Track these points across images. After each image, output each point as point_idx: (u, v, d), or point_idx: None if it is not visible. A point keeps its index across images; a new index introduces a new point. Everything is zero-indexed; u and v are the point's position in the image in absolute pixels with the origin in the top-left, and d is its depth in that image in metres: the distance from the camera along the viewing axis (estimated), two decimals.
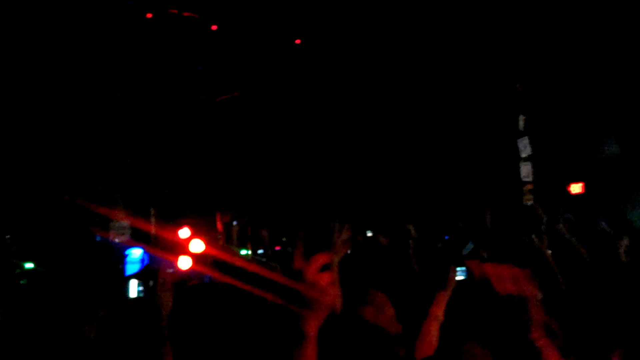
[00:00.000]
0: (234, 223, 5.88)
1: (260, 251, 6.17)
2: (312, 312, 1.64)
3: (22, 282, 6.04)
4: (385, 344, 2.65)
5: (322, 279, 1.63)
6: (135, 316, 3.55)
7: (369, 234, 7.26)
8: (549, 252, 4.63)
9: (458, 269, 3.55)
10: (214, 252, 4.36)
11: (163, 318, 2.55)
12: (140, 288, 3.87)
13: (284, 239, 8.27)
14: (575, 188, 9.72)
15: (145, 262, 5.14)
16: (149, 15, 8.62)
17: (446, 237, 6.24)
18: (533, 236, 4.30)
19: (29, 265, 6.51)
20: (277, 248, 7.21)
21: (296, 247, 1.67)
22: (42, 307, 3.91)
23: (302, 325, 1.64)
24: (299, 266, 1.63)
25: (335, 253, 2.91)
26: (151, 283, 2.74)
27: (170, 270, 2.79)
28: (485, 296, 1.56)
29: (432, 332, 3.01)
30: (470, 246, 6.32)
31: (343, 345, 2.69)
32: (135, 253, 5.37)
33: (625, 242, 5.12)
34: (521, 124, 10.31)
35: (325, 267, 1.65)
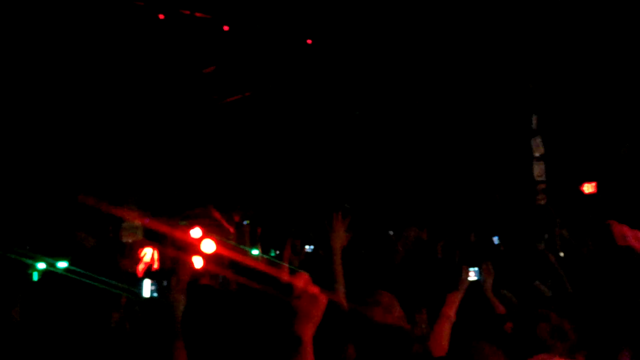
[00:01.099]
0: (245, 222, 5.89)
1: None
2: (306, 319, 1.71)
3: (34, 279, 6.09)
4: (403, 341, 2.65)
5: (310, 289, 1.73)
6: (149, 316, 3.58)
7: (391, 232, 7.24)
8: (561, 254, 4.60)
9: (470, 269, 3.55)
10: (226, 252, 4.38)
11: (177, 317, 2.58)
12: (154, 288, 3.89)
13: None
14: (588, 188, 9.66)
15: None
16: (161, 16, 8.65)
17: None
18: (538, 244, 4.30)
19: (42, 266, 6.52)
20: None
21: (283, 261, 1.80)
22: (58, 308, 3.95)
23: (298, 331, 1.71)
24: (287, 280, 1.73)
25: (336, 237, 2.96)
26: (165, 283, 2.76)
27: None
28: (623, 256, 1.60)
29: (444, 332, 3.01)
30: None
31: (359, 345, 2.68)
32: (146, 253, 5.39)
33: None
34: (534, 123, 10.26)
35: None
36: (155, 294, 3.78)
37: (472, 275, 3.57)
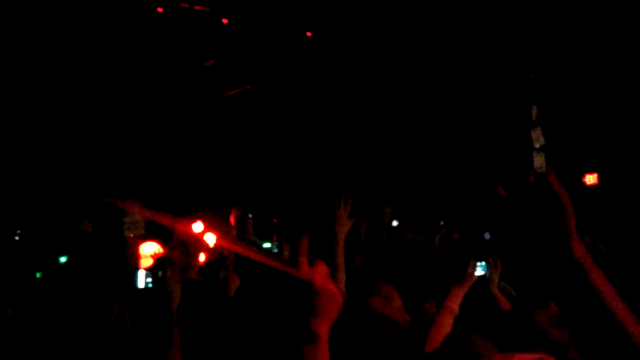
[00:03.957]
0: (250, 216, 5.86)
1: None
2: (324, 316, 1.70)
3: (37, 275, 6.09)
4: (393, 331, 2.64)
5: (329, 284, 1.71)
6: (145, 306, 3.60)
7: (395, 223, 7.22)
8: None
9: (477, 264, 3.53)
10: (227, 245, 4.38)
11: (172, 307, 2.61)
12: (149, 279, 3.91)
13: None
14: (590, 179, 9.64)
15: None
16: (160, 10, 8.62)
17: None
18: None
19: (64, 259, 6.46)
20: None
21: (300, 256, 1.73)
22: (57, 302, 3.95)
23: (314, 327, 1.69)
24: (307, 275, 1.70)
25: (340, 226, 2.96)
26: (160, 274, 2.78)
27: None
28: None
29: (446, 325, 3.00)
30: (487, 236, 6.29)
31: (353, 335, 2.68)
32: (148, 247, 5.39)
33: None
34: (534, 113, 10.22)
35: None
36: (150, 285, 3.80)
37: (479, 270, 3.55)
